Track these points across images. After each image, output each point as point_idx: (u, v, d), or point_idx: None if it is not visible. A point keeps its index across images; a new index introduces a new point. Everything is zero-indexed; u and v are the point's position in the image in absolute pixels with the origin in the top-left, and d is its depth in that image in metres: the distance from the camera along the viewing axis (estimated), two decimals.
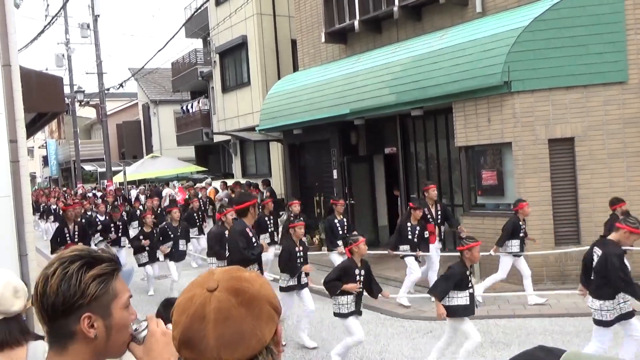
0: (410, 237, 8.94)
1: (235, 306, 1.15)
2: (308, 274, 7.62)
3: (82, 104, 27.76)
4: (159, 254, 10.73)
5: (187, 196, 17.93)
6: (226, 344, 1.13)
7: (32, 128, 9.61)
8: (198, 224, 13.62)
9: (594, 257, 5.74)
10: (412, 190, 13.24)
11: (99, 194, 25.92)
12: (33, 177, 53.90)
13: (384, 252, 10.02)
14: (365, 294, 6.52)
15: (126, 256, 12.06)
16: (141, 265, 10.82)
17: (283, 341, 6.97)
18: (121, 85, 24.51)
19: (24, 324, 2.26)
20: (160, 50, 22.51)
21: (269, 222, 11.03)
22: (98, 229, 12.59)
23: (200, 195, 16.58)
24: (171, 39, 21.03)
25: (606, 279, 5.48)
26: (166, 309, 3.59)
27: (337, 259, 9.32)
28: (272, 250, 10.38)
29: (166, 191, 22.09)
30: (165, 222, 11.05)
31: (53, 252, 9.80)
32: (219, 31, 19.99)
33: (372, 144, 14.07)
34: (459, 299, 5.88)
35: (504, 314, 8.24)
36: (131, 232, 13.23)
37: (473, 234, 8.39)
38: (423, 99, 10.76)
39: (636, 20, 9.28)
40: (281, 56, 18.68)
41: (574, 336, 7.17)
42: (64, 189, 36.84)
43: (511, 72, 9.30)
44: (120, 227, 12.22)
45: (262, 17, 18.47)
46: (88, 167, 37.60)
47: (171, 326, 1.21)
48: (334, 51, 14.51)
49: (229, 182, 19.49)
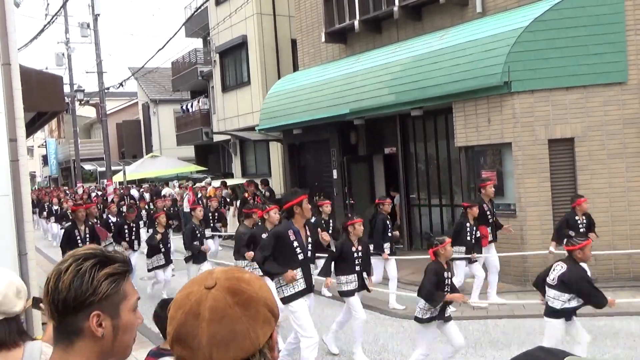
0: (468, 238, 8.41)
1: (231, 305, 1.14)
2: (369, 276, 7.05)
3: (82, 103, 27.71)
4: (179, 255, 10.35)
5: (195, 198, 17.56)
6: (218, 343, 1.12)
7: (32, 127, 9.59)
8: (212, 224, 13.27)
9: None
10: (412, 190, 13.25)
11: (99, 193, 25.86)
12: (33, 177, 53.94)
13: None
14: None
15: (136, 260, 11.19)
16: (154, 269, 10.22)
17: (336, 349, 6.95)
18: (121, 85, 24.47)
19: (21, 324, 2.26)
20: (160, 50, 22.46)
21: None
22: (112, 230, 11.60)
23: (200, 195, 16.52)
24: (171, 38, 20.99)
25: None
26: (163, 310, 3.59)
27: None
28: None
29: (165, 190, 22.09)
30: (192, 222, 10.06)
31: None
32: (219, 31, 19.99)
33: (371, 144, 14.07)
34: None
35: (504, 314, 8.24)
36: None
37: None
38: (423, 99, 10.76)
39: (636, 20, 9.28)
40: (281, 56, 18.68)
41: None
42: (65, 188, 36.81)
43: (511, 72, 9.29)
44: (134, 229, 11.32)
45: (262, 17, 18.46)
46: (88, 167, 37.61)
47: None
48: (334, 51, 14.50)
49: (229, 182, 19.49)
